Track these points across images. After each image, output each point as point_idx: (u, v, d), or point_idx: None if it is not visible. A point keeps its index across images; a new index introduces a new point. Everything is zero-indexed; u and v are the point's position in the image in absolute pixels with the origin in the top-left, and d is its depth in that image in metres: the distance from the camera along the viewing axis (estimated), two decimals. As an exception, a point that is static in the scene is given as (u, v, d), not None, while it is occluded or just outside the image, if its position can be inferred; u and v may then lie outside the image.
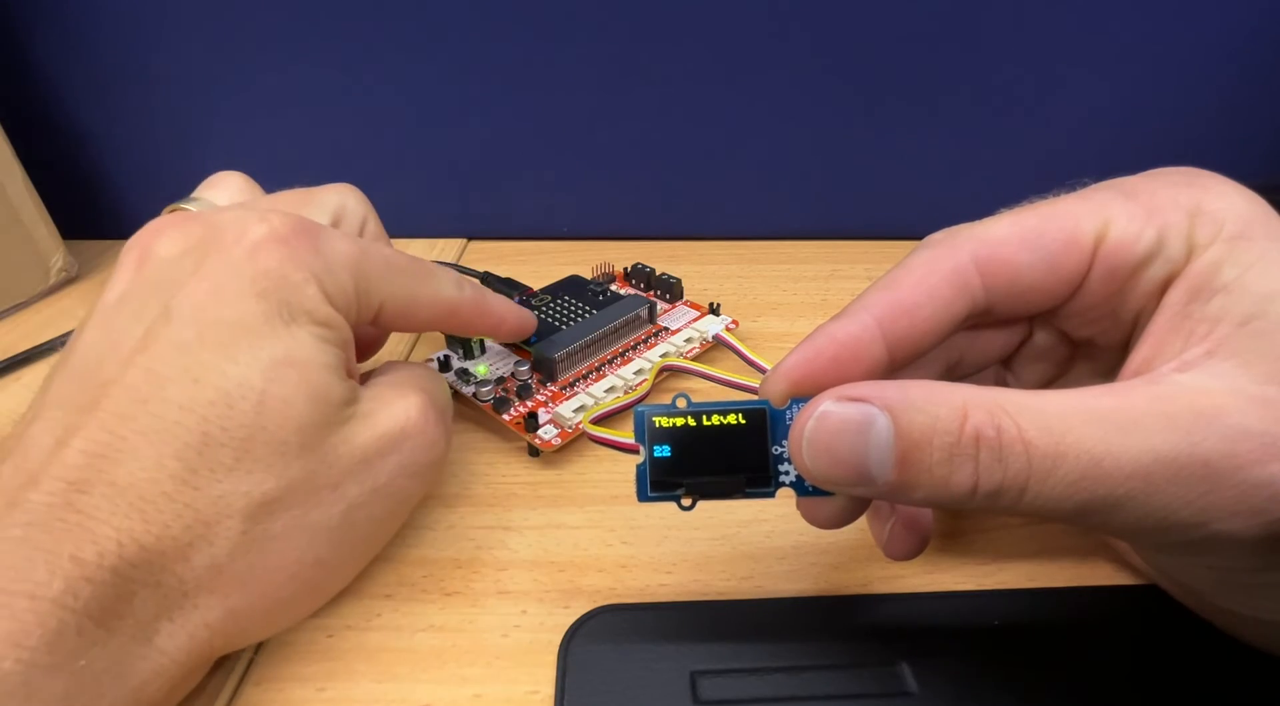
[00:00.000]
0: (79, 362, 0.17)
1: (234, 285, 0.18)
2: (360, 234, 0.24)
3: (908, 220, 0.28)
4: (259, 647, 0.20)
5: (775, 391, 0.17)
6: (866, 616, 0.20)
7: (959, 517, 0.23)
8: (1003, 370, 0.21)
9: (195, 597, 0.16)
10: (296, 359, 0.18)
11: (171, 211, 0.23)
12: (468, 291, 0.24)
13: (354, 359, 0.21)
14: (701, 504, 0.17)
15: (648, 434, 0.17)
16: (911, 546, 0.19)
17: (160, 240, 0.19)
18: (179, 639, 0.16)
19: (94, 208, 0.43)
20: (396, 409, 0.20)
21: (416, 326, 0.23)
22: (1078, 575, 0.21)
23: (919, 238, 0.19)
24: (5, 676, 0.13)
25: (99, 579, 0.15)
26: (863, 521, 0.23)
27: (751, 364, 0.29)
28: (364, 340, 0.25)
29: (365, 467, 0.19)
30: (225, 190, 0.23)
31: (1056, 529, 0.23)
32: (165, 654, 0.16)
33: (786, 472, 0.17)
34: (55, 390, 0.17)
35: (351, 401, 0.19)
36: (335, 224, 0.23)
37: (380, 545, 0.21)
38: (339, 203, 0.23)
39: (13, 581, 0.14)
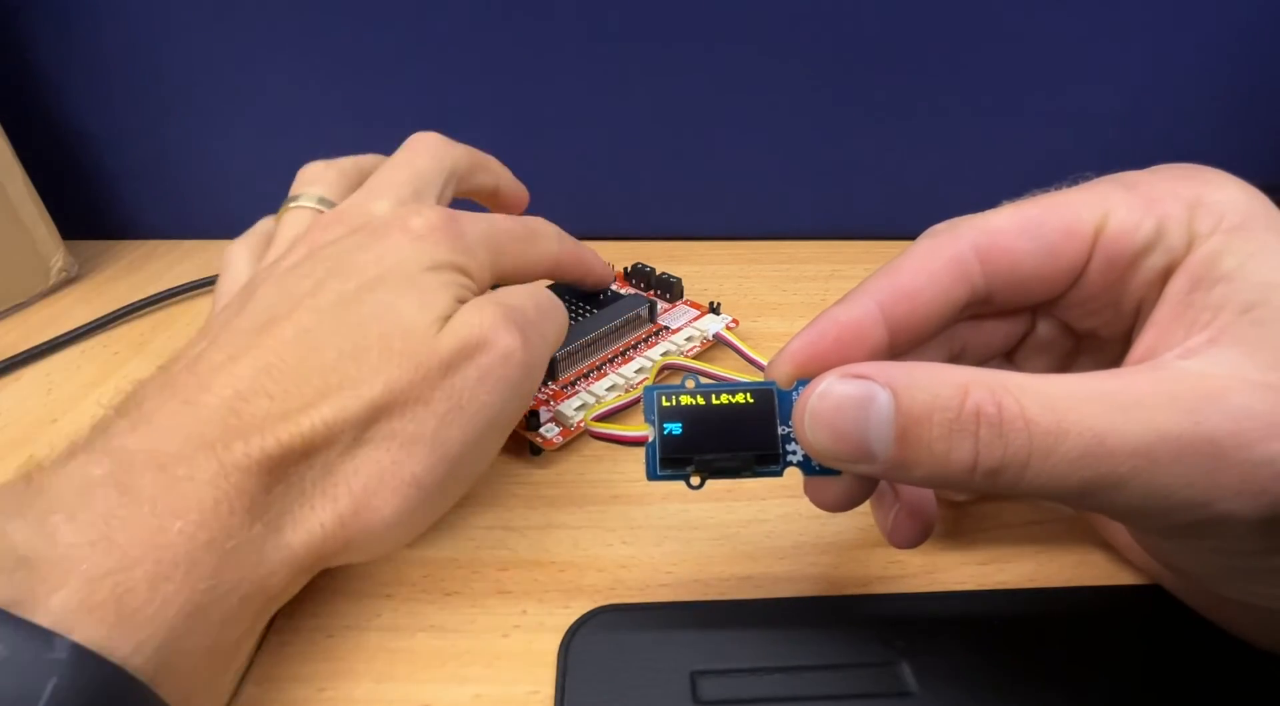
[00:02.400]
0: (254, 308, 0.20)
1: (400, 261, 0.21)
2: (442, 193, 0.26)
3: (908, 220, 0.28)
4: (259, 647, 0.20)
5: (781, 373, 0.18)
6: (866, 616, 0.20)
7: (960, 513, 0.23)
8: (1005, 363, 0.21)
9: (312, 498, 0.18)
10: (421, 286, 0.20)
11: (287, 210, 0.25)
12: (567, 245, 0.27)
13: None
14: (701, 504, 0.17)
15: (658, 412, 0.17)
16: (915, 533, 0.19)
17: (324, 234, 0.22)
18: (300, 534, 0.17)
19: (94, 208, 0.43)
20: (470, 317, 0.20)
21: (527, 280, 0.25)
22: (1078, 575, 0.21)
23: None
24: (171, 544, 0.15)
25: (247, 467, 0.16)
26: (863, 522, 0.23)
27: (752, 362, 0.29)
28: None
29: (447, 377, 0.19)
30: (323, 185, 0.25)
31: (1057, 528, 0.23)
32: (290, 548, 0.17)
33: (794, 452, 0.17)
34: (232, 325, 0.19)
35: (447, 316, 0.20)
36: (420, 192, 0.25)
37: (471, 471, 0.21)
38: (420, 170, 0.25)
39: (179, 465, 0.16)
